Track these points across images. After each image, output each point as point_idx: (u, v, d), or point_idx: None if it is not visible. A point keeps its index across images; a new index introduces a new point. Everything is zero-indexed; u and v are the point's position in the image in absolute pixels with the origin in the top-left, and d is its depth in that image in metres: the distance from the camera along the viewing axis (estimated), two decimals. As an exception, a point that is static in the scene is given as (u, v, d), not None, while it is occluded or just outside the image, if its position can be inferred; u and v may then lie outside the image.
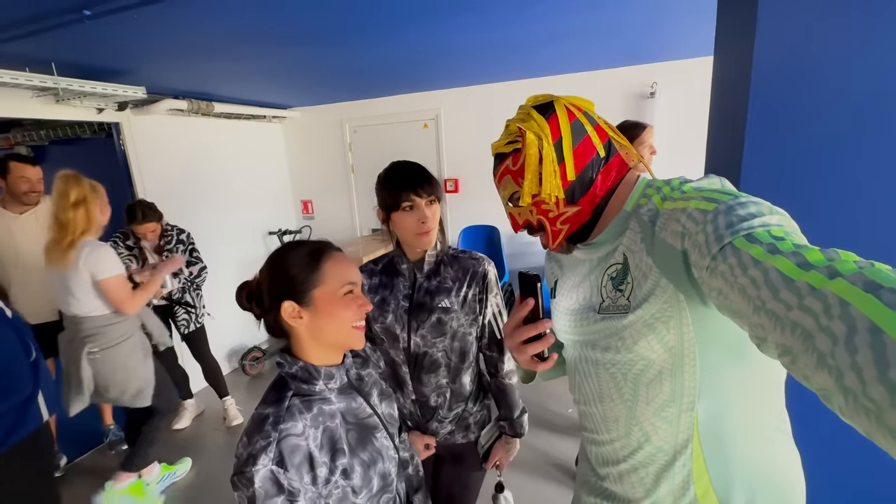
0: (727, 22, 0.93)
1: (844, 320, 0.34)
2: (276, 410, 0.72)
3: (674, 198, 0.61)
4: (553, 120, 0.68)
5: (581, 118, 0.69)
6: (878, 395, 0.31)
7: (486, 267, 1.15)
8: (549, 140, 0.68)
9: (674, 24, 2.07)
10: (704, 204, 0.54)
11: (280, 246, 0.83)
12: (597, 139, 0.69)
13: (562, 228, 0.71)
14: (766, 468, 0.64)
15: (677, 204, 0.59)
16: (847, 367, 0.33)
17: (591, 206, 0.70)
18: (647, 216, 0.63)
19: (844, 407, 0.34)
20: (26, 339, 1.39)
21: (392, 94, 3.62)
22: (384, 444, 0.84)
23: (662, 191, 0.65)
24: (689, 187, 0.62)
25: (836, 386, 0.34)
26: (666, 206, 0.61)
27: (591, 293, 0.72)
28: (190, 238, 2.63)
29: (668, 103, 2.94)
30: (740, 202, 0.51)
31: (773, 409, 0.65)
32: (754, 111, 0.82)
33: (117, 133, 2.78)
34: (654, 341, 0.61)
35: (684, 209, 0.56)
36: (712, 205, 0.53)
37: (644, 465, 0.68)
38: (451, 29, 1.91)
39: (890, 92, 0.76)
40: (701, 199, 0.56)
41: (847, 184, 0.81)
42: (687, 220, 0.55)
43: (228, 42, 1.86)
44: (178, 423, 2.81)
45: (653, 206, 0.64)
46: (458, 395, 1.20)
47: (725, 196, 0.54)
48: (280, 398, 0.74)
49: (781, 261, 0.42)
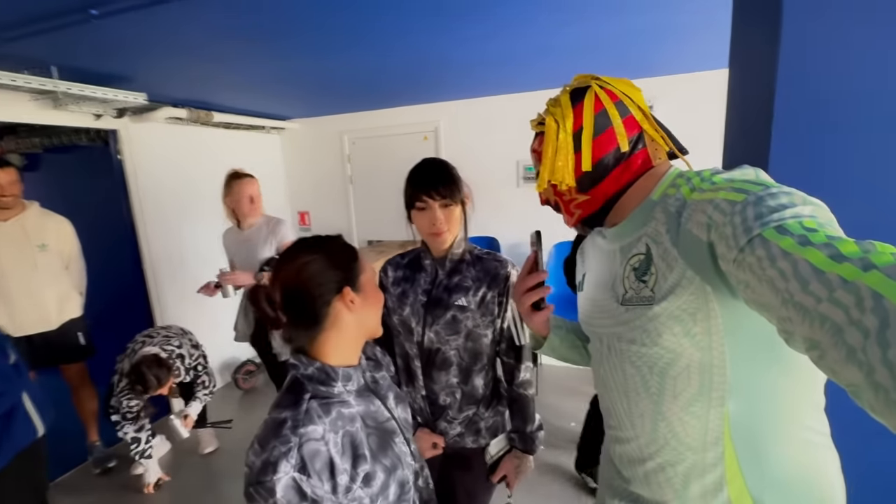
0: (745, 36, 0.93)
1: (877, 314, 0.33)
2: (294, 413, 0.67)
3: (703, 189, 0.60)
4: (579, 108, 0.68)
5: (610, 109, 0.68)
6: None
7: (509, 270, 1.13)
8: (566, 129, 0.68)
9: (674, 40, 2.11)
10: (734, 195, 0.52)
11: (295, 245, 0.78)
12: (621, 132, 0.68)
13: (574, 212, 0.75)
14: (803, 471, 0.61)
15: (705, 195, 0.57)
16: (879, 363, 0.32)
17: (604, 197, 0.71)
18: (674, 207, 0.62)
19: (875, 403, 0.33)
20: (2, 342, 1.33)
21: (392, 106, 3.64)
22: (402, 450, 0.80)
23: (692, 181, 0.63)
24: (719, 178, 0.60)
25: (866, 382, 0.33)
26: (694, 197, 0.59)
27: (614, 283, 0.70)
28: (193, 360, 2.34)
29: (667, 117, 2.98)
30: (771, 193, 0.50)
31: (810, 411, 0.63)
32: (779, 126, 0.81)
33: (114, 141, 2.74)
34: (680, 334, 0.59)
35: (712, 200, 0.55)
36: (741, 195, 0.51)
37: (672, 464, 0.66)
38: (452, 41, 1.93)
39: None
40: (731, 189, 0.54)
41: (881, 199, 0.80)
42: (714, 210, 0.53)
43: (232, 47, 1.85)
44: (139, 468, 2.39)
45: (681, 196, 0.62)
46: (469, 397, 1.17)
47: (756, 187, 0.52)
48: (297, 401, 0.70)
49: (813, 252, 0.41)
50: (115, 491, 2.34)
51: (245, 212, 2.25)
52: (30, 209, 2.25)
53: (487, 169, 3.51)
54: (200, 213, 3.24)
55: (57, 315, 2.31)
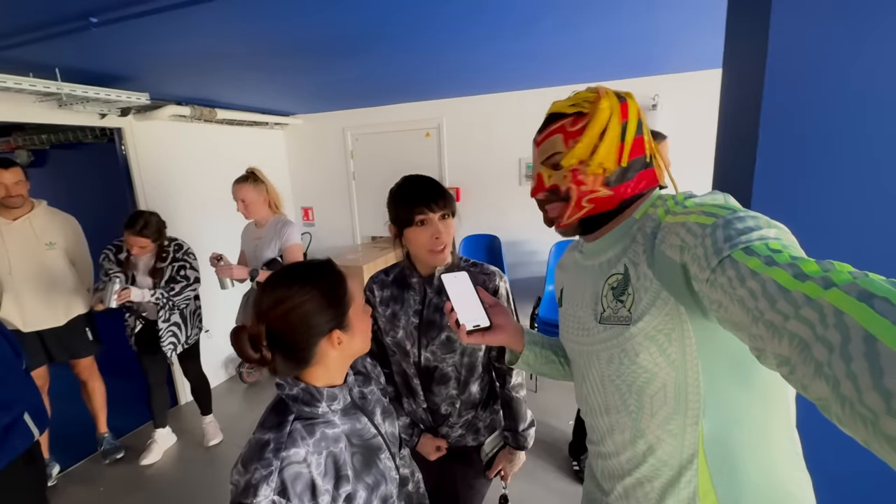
0: (737, 35, 0.93)
1: (839, 329, 0.35)
2: (278, 436, 0.69)
3: (676, 212, 0.62)
4: (625, 106, 0.70)
5: (643, 120, 0.72)
6: (873, 402, 0.32)
7: (498, 282, 1.14)
8: (619, 116, 0.69)
9: (677, 38, 2.08)
10: (704, 218, 0.55)
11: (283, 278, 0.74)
12: (648, 142, 0.72)
13: (585, 206, 0.71)
14: (774, 489, 0.63)
15: (678, 218, 0.60)
16: (843, 376, 0.34)
17: (620, 199, 0.71)
18: (650, 228, 0.65)
19: (842, 415, 0.34)
20: (17, 347, 1.37)
21: (394, 102, 3.63)
22: (387, 465, 0.82)
23: (667, 203, 0.66)
24: (691, 202, 0.63)
25: (832, 395, 0.35)
26: (668, 220, 0.62)
27: (592, 301, 0.72)
28: (185, 255, 2.38)
29: (670, 115, 2.95)
30: (738, 216, 0.52)
31: (782, 428, 0.65)
32: (766, 125, 0.81)
33: (119, 138, 2.78)
34: (656, 353, 0.62)
35: (684, 223, 0.57)
36: (711, 219, 0.54)
37: (649, 480, 0.68)
38: (461, 44, 1.92)
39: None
40: (701, 213, 0.57)
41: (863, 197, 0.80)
42: (686, 233, 0.56)
43: (234, 52, 1.86)
44: (147, 458, 2.53)
45: (656, 218, 0.65)
46: (467, 404, 1.21)
47: (724, 211, 0.55)
48: (281, 422, 0.71)
49: (778, 272, 0.43)
50: (123, 481, 2.41)
51: (243, 214, 2.25)
52: (38, 208, 2.29)
53: (489, 166, 3.50)
54: (204, 209, 3.29)
55: (65, 312, 2.36)
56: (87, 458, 2.59)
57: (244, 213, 2.24)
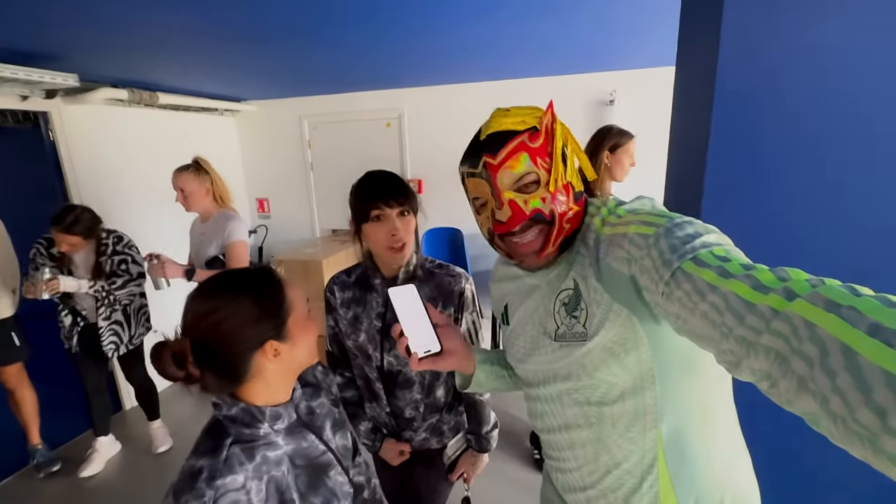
0: (689, 32, 0.94)
1: (814, 342, 0.34)
2: (212, 463, 0.63)
3: (612, 222, 0.63)
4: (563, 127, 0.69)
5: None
6: (867, 420, 0.31)
7: (464, 285, 1.12)
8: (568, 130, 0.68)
9: (634, 34, 2.12)
10: (644, 228, 0.55)
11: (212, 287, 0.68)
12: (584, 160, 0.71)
13: (565, 228, 0.66)
14: (729, 480, 0.66)
15: (617, 229, 0.60)
16: (830, 392, 0.33)
17: (582, 214, 0.69)
18: (591, 239, 0.65)
19: (835, 432, 0.34)
20: None
21: (353, 90, 3.52)
22: (338, 480, 0.77)
23: (601, 212, 0.66)
24: (623, 210, 0.64)
25: (821, 411, 0.34)
26: (606, 231, 0.62)
27: (545, 319, 0.70)
28: (126, 248, 2.21)
29: (626, 111, 3.03)
30: (676, 223, 0.53)
31: (728, 421, 0.68)
32: (718, 121, 0.83)
33: (45, 123, 2.52)
34: (614, 365, 0.62)
35: (625, 234, 0.57)
36: (651, 228, 0.54)
37: (613, 490, 0.68)
38: (410, 31, 1.86)
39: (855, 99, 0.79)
40: (639, 223, 0.57)
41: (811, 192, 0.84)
42: (630, 245, 0.56)
43: (174, 34, 1.72)
44: (87, 469, 2.35)
45: (593, 228, 0.65)
46: (432, 407, 1.18)
47: (661, 219, 0.55)
48: (217, 447, 0.65)
49: (736, 284, 0.43)
50: (60, 496, 2.24)
51: (182, 205, 2.05)
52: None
53: (451, 158, 3.45)
54: (147, 202, 3.06)
55: (-14, 316, 2.14)
56: (17, 473, 2.39)
57: (183, 205, 2.04)
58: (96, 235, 2.13)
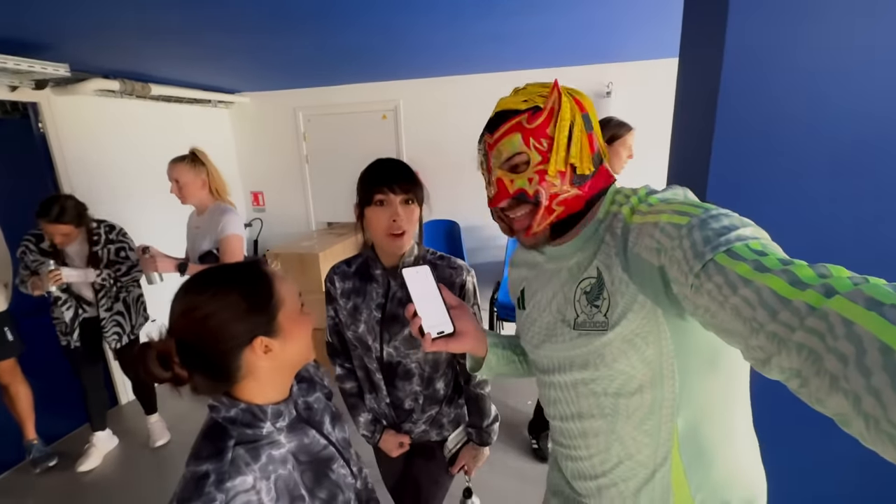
0: (694, 25, 0.93)
1: (851, 340, 0.33)
2: (218, 466, 0.60)
3: (642, 211, 0.60)
4: (577, 100, 0.67)
5: (592, 113, 0.69)
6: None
7: (465, 277, 1.11)
8: (578, 110, 0.66)
9: (634, 26, 2.11)
10: (677, 218, 0.53)
11: (190, 281, 0.65)
12: (599, 139, 0.69)
13: (555, 210, 0.66)
14: (742, 476, 0.66)
15: (647, 218, 0.58)
16: (864, 391, 0.32)
17: (586, 198, 0.67)
18: (619, 228, 0.62)
19: (866, 433, 0.32)
20: None
21: (349, 82, 3.48)
22: (341, 473, 0.76)
23: (630, 201, 0.64)
24: (655, 199, 0.61)
25: (854, 411, 0.33)
26: (636, 220, 0.60)
27: (564, 307, 0.69)
28: (120, 235, 2.21)
29: (623, 103, 3.03)
30: (712, 215, 0.51)
31: (744, 417, 0.67)
32: (723, 114, 0.82)
33: (35, 114, 2.47)
34: (634, 357, 0.61)
35: (656, 223, 0.55)
36: (685, 218, 0.52)
37: (624, 480, 0.68)
38: (412, 21, 1.84)
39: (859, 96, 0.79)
40: (672, 212, 0.55)
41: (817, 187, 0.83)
42: (661, 235, 0.54)
43: (168, 24, 1.68)
44: (85, 464, 2.34)
45: (622, 217, 0.63)
46: (432, 399, 1.18)
47: (695, 209, 0.53)
48: (221, 450, 0.62)
49: (772, 279, 0.41)
50: (57, 491, 2.23)
51: (177, 196, 2.02)
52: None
53: (447, 150, 3.46)
54: (139, 195, 3.02)
55: (-21, 310, 2.11)
56: (13, 469, 2.37)
57: (178, 196, 2.02)
58: (86, 223, 2.11)
